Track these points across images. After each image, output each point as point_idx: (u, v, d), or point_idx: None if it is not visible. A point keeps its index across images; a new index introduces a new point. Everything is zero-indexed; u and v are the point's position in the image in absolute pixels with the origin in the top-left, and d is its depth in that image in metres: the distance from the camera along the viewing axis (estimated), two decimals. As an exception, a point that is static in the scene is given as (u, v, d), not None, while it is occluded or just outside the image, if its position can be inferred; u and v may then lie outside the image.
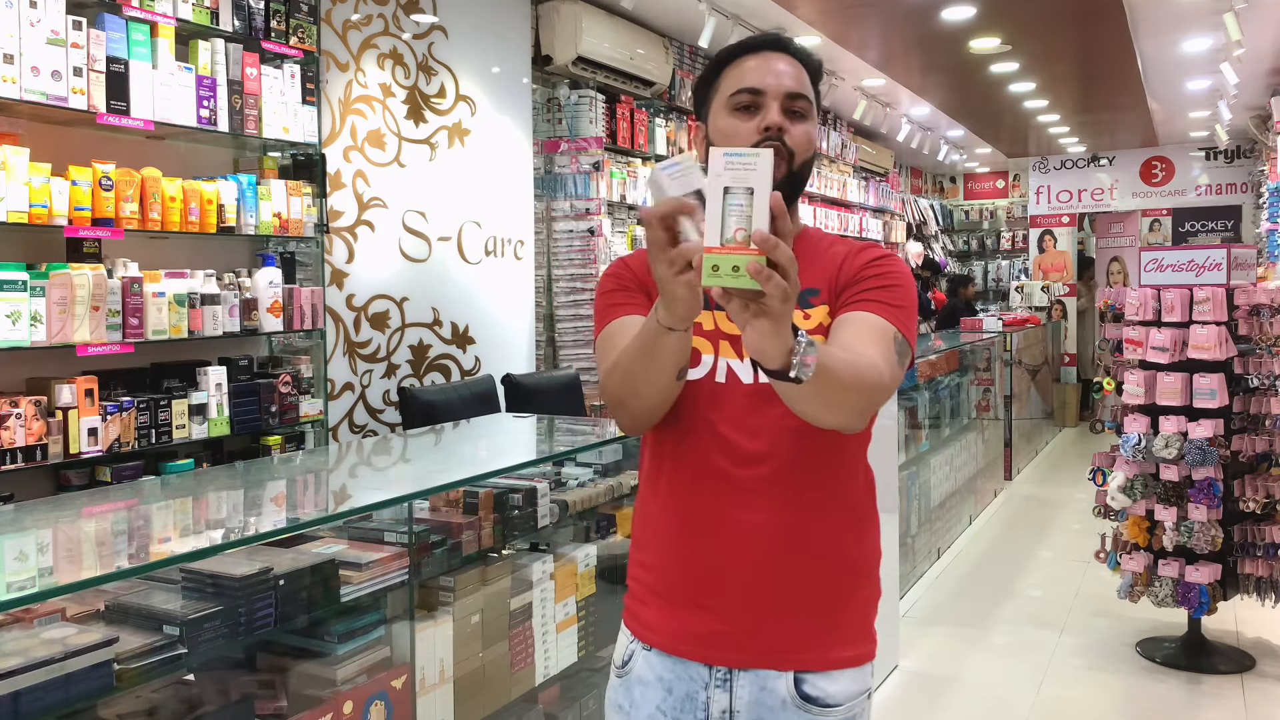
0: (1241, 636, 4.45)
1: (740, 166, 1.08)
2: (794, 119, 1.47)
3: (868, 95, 8.18)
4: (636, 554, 1.57)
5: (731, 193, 1.08)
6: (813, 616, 1.45)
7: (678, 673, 1.48)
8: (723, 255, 1.07)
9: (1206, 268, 4.19)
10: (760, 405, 1.43)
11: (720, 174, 1.08)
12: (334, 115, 4.30)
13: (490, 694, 2.51)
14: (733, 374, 1.46)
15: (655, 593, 1.51)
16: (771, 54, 1.50)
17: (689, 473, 1.47)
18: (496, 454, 3.19)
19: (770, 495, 1.43)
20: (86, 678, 1.67)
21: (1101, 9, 5.75)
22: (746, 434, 1.44)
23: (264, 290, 3.68)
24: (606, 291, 1.56)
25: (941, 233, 12.72)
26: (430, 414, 4.15)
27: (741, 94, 1.47)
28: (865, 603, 1.52)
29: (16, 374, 3.12)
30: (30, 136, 3.10)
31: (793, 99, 1.47)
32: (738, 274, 1.06)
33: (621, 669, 1.55)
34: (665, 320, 1.26)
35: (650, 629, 1.51)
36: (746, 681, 1.44)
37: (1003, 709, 3.79)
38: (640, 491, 1.59)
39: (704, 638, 1.45)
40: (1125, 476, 4.19)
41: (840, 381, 1.24)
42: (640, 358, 1.35)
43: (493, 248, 5.15)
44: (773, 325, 1.10)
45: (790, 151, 1.45)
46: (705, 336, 1.47)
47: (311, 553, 2.16)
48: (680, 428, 1.48)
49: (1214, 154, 11.13)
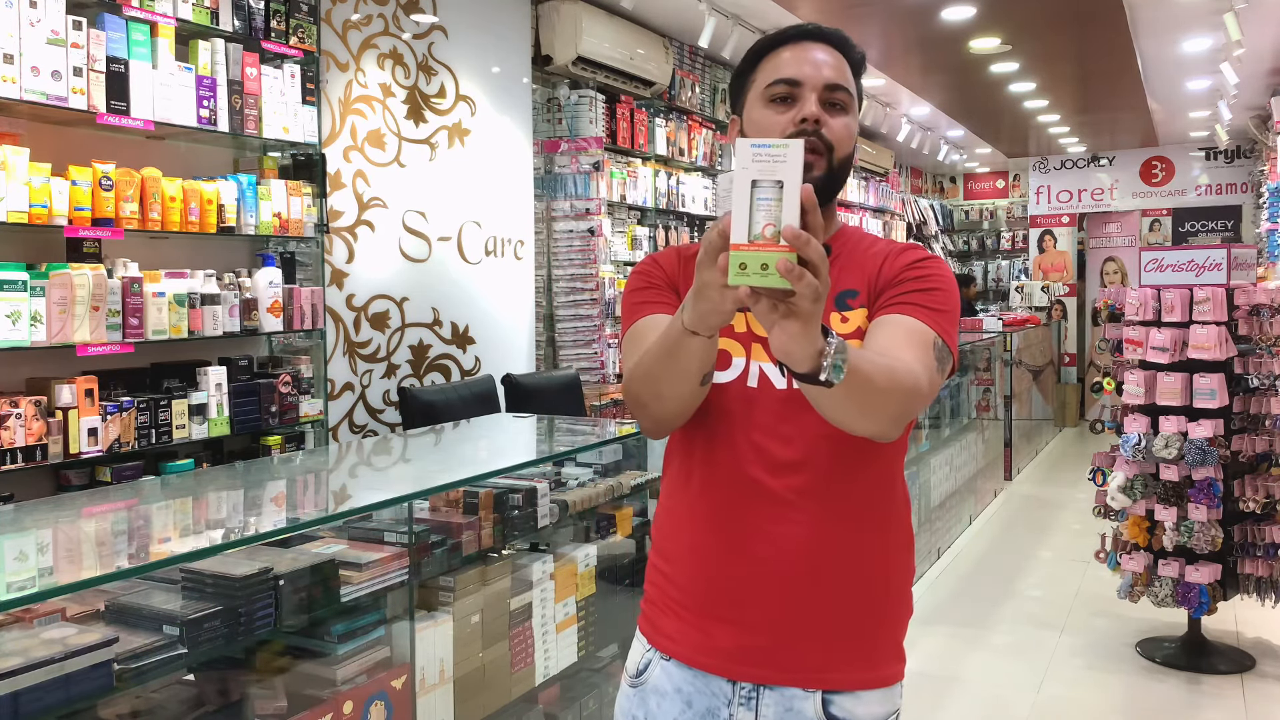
0: (1241, 636, 4.45)
1: (768, 158, 1.02)
2: (833, 111, 1.40)
3: (868, 95, 8.18)
4: (659, 561, 1.50)
5: (759, 186, 1.02)
6: (844, 634, 1.39)
7: (698, 686, 1.42)
8: (750, 253, 1.01)
9: (1206, 268, 4.19)
10: (794, 411, 1.36)
11: (747, 166, 1.02)
12: (334, 115, 4.30)
13: (490, 694, 2.51)
14: (765, 378, 1.40)
15: (679, 602, 1.45)
16: (810, 43, 1.44)
17: (720, 480, 1.41)
18: (496, 454, 3.20)
19: (805, 507, 1.37)
20: (86, 678, 1.67)
21: (1101, 9, 5.74)
22: (780, 441, 1.37)
23: (264, 290, 3.68)
24: (636, 289, 1.50)
25: (941, 233, 12.72)
26: (430, 414, 4.15)
27: (777, 85, 1.41)
28: (897, 622, 1.48)
29: (16, 374, 3.12)
30: (30, 136, 3.10)
31: (832, 90, 1.40)
32: (766, 272, 1.00)
33: (636, 678, 1.48)
34: (690, 323, 1.19)
35: (671, 639, 1.45)
36: (772, 700, 1.38)
37: (1003, 709, 3.79)
38: (665, 496, 1.52)
39: (730, 652, 1.39)
40: (1125, 476, 4.19)
41: (874, 386, 1.18)
42: (663, 359, 1.28)
43: (493, 248, 5.15)
44: (802, 326, 1.05)
45: (829, 145, 1.38)
46: (736, 339, 1.41)
47: (311, 553, 2.16)
48: (711, 433, 1.42)
49: (1214, 154, 11.13)
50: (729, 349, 1.41)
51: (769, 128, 1.39)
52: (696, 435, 1.43)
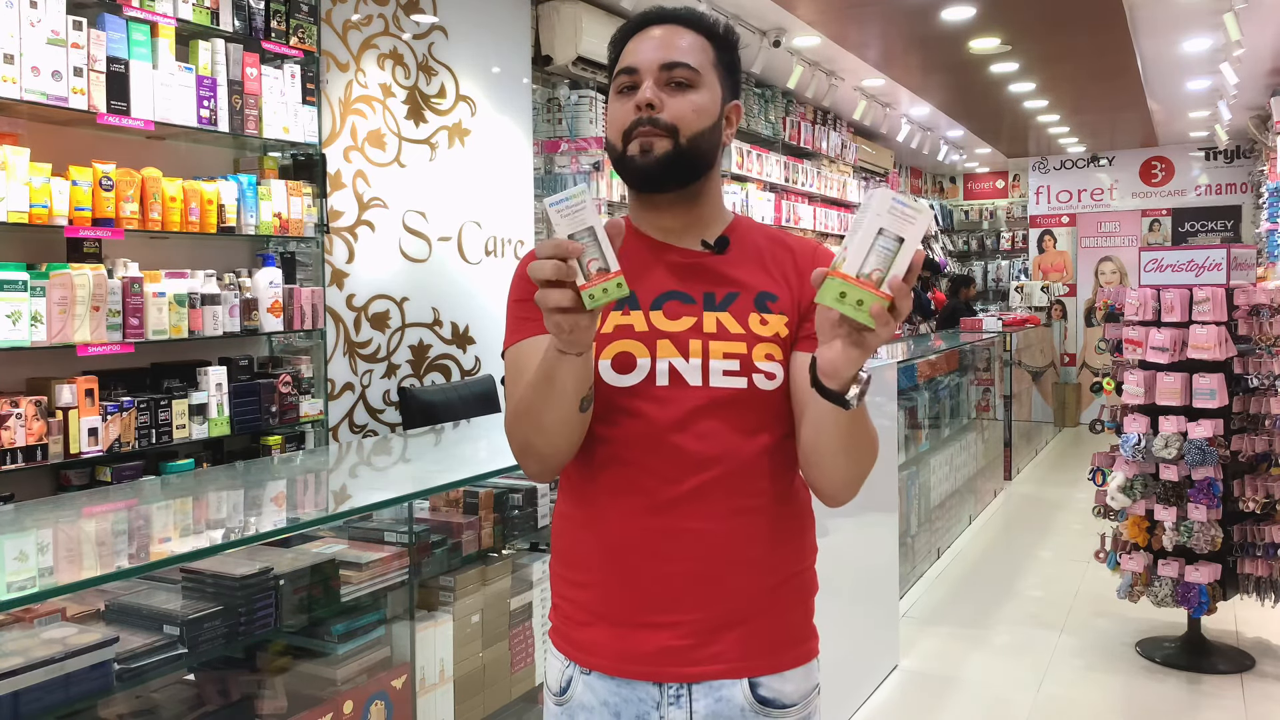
0: (1241, 636, 4.45)
1: (901, 215, 1.12)
2: (674, 90, 1.38)
3: (867, 95, 8.18)
4: (567, 573, 1.45)
5: (884, 234, 1.12)
6: (764, 621, 1.40)
7: (624, 695, 1.39)
8: (853, 286, 1.12)
9: (1206, 268, 4.19)
10: (710, 407, 1.36)
11: (881, 214, 1.13)
12: (334, 115, 4.30)
13: (490, 694, 2.51)
14: (677, 375, 1.36)
15: (595, 614, 1.41)
16: (651, 28, 1.42)
17: (634, 485, 1.37)
18: (496, 454, 3.18)
19: (720, 501, 1.36)
20: (86, 678, 1.67)
21: (1101, 9, 5.75)
22: (695, 438, 1.35)
23: (264, 290, 3.68)
24: (520, 300, 1.46)
25: (941, 233, 12.72)
26: (430, 414, 4.15)
27: (620, 76, 1.41)
28: (808, 599, 1.49)
29: (17, 374, 3.12)
30: (30, 136, 3.10)
31: (669, 69, 1.38)
32: (860, 308, 1.12)
33: (560, 696, 1.44)
34: (558, 343, 1.21)
35: (589, 652, 1.41)
36: (701, 694, 1.38)
37: (1003, 709, 3.79)
38: (569, 506, 1.46)
39: (654, 655, 1.37)
40: (1125, 476, 4.20)
41: (866, 432, 1.32)
42: (539, 386, 1.28)
43: (493, 248, 5.15)
44: (860, 354, 1.17)
45: (670, 126, 1.36)
46: (637, 339, 1.37)
47: (311, 553, 2.16)
48: (622, 437, 1.37)
49: (1214, 154, 11.13)
50: (631, 350, 1.37)
51: (615, 118, 1.40)
52: (602, 442, 1.39)
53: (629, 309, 1.39)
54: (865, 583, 3.94)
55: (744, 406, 1.37)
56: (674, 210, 1.44)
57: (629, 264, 1.31)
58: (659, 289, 1.41)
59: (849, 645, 3.62)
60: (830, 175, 8.98)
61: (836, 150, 9.12)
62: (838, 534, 3.48)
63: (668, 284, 1.41)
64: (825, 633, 1.53)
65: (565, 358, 1.23)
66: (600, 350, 1.37)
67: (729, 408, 1.36)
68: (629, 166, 1.40)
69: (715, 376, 1.36)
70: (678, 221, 1.45)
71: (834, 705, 3.27)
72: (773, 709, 1.40)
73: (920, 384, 5.70)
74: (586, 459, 1.41)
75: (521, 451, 1.38)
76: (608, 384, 1.37)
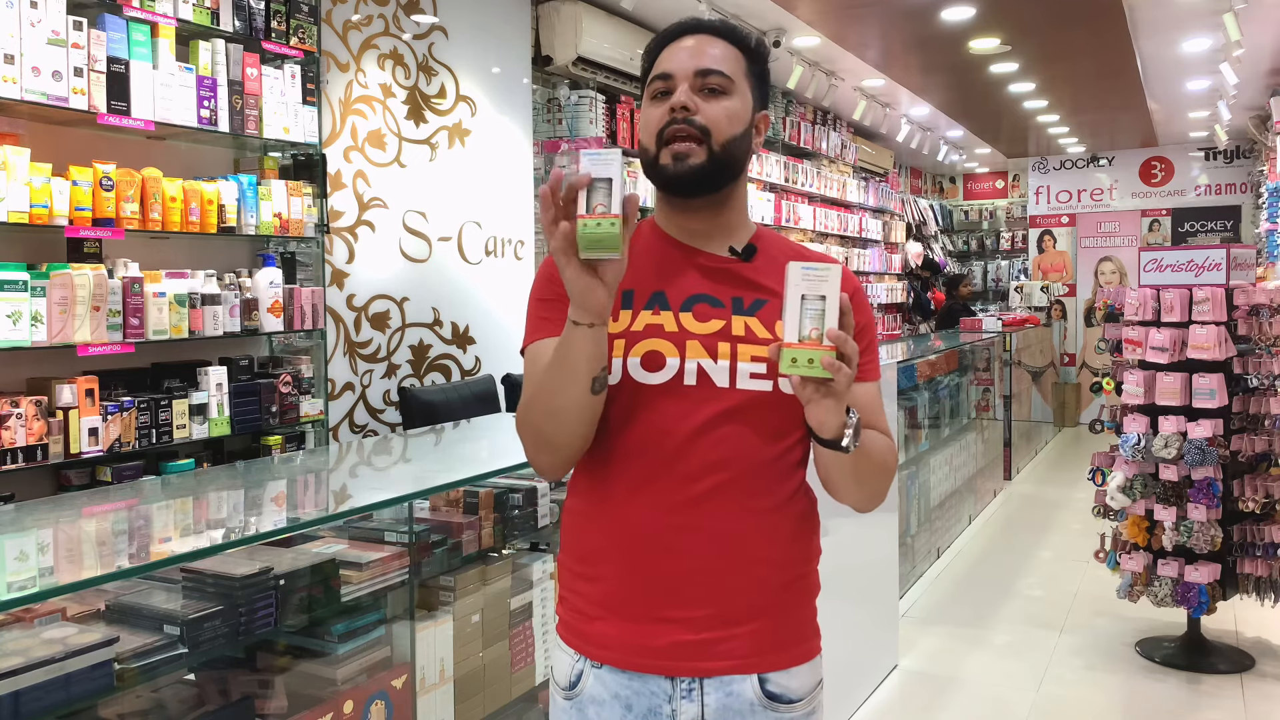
0: (1241, 636, 4.45)
1: (814, 278, 1.27)
2: (708, 96, 1.43)
3: (867, 95, 8.18)
4: (578, 567, 1.47)
5: (807, 299, 1.27)
6: (774, 618, 1.43)
7: (636, 688, 1.41)
8: (800, 350, 1.26)
9: (1206, 268, 4.19)
10: (735, 409, 1.39)
11: (798, 284, 1.27)
12: (334, 115, 4.30)
13: (490, 694, 2.51)
14: (705, 375, 1.39)
15: (607, 608, 1.43)
16: (686, 37, 1.48)
17: (651, 479, 1.40)
18: (497, 454, 3.19)
19: (733, 500, 1.39)
20: (86, 678, 1.67)
21: (1101, 9, 5.75)
22: (717, 438, 1.39)
23: (264, 290, 3.69)
24: (542, 299, 1.48)
25: (941, 233, 12.72)
26: (430, 414, 4.15)
27: (655, 81, 1.47)
28: (813, 598, 1.53)
29: (17, 374, 3.12)
30: (31, 136, 3.10)
31: (703, 76, 1.43)
32: (812, 365, 1.26)
33: (569, 691, 1.46)
34: (573, 313, 1.27)
35: (601, 646, 1.43)
36: (712, 689, 1.40)
37: (1003, 709, 3.79)
38: (581, 501, 1.48)
39: (665, 650, 1.40)
40: (1124, 476, 4.20)
41: (871, 460, 1.41)
42: (553, 365, 1.32)
43: (493, 248, 5.15)
44: (836, 403, 1.28)
45: (704, 130, 1.41)
46: (667, 339, 1.40)
47: (312, 553, 2.16)
48: (639, 430, 1.40)
49: (1213, 154, 11.13)
50: (661, 349, 1.40)
51: (648, 121, 1.47)
52: (625, 438, 1.41)
53: (659, 309, 1.42)
54: (865, 582, 3.95)
55: (768, 410, 1.40)
56: (702, 214, 1.48)
57: (660, 267, 1.43)
58: (689, 291, 1.45)
59: (849, 645, 3.62)
60: (830, 175, 8.98)
61: (836, 150, 9.12)
62: (838, 534, 3.47)
63: (697, 287, 1.45)
64: (825, 632, 1.54)
65: (579, 329, 1.28)
66: (630, 348, 1.40)
67: (753, 410, 1.40)
68: (662, 174, 1.44)
69: (742, 379, 1.40)
70: (705, 225, 1.49)
71: (834, 705, 3.27)
72: (780, 704, 1.43)
73: (920, 384, 5.70)
74: (606, 454, 1.43)
75: (534, 444, 1.41)
76: (636, 381, 1.40)
